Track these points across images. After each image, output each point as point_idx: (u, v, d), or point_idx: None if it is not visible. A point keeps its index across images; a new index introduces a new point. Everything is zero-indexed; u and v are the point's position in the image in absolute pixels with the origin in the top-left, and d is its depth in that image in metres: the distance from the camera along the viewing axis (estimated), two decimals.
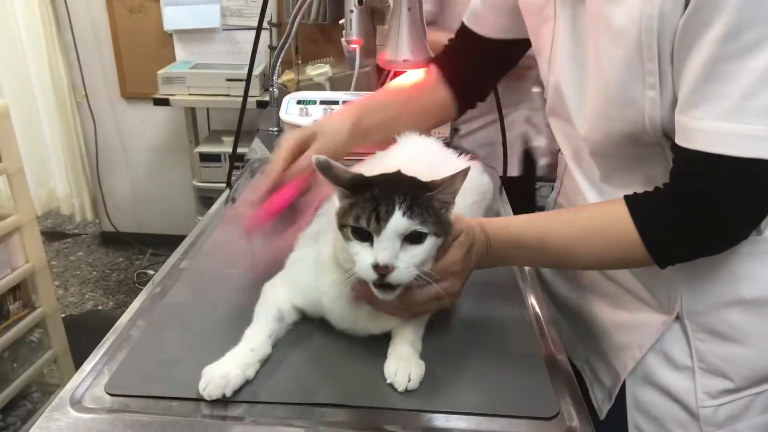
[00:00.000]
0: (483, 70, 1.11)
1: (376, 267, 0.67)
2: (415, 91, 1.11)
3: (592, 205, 0.85)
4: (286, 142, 0.93)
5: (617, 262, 0.80)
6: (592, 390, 0.96)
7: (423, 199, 0.70)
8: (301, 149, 0.93)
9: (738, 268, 0.78)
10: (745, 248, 0.76)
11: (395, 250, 0.68)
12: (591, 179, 0.89)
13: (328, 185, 0.73)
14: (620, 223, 0.74)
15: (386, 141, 0.98)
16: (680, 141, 0.70)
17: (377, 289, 0.70)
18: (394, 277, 0.68)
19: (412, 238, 0.69)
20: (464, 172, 0.71)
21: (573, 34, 0.83)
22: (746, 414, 0.82)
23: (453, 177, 0.71)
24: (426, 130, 1.05)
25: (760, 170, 0.65)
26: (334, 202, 0.86)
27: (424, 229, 0.69)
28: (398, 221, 0.68)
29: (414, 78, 1.13)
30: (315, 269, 0.80)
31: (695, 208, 0.70)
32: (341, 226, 0.72)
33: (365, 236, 0.69)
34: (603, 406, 0.93)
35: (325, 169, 0.72)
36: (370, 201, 0.69)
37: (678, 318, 0.83)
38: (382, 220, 0.68)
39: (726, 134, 0.65)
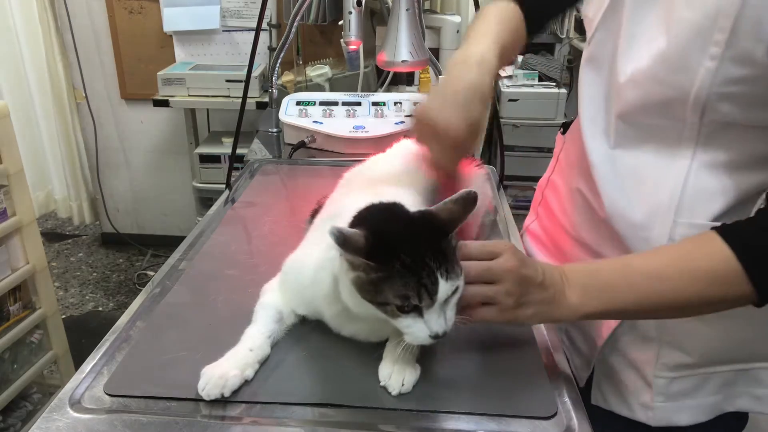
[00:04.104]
0: None
1: (435, 337, 0.67)
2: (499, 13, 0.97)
3: (679, 242, 0.78)
4: None
5: (711, 299, 0.70)
6: (571, 358, 0.97)
7: (448, 250, 0.68)
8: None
9: None
10: None
11: (447, 314, 0.67)
12: (603, 147, 0.86)
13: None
14: (714, 253, 0.67)
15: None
16: None
17: None
18: (445, 334, 0.67)
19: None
20: (474, 198, 0.70)
21: None
22: (698, 392, 0.84)
23: (464, 210, 0.69)
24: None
25: None
26: (330, 213, 0.85)
27: (461, 282, 0.68)
28: (444, 289, 0.66)
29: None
30: (312, 288, 0.78)
31: None
32: (378, 303, 0.68)
33: (411, 307, 0.67)
34: (581, 374, 0.94)
35: (342, 242, 0.65)
36: (409, 276, 0.65)
37: None
38: (431, 294, 0.65)
39: None
